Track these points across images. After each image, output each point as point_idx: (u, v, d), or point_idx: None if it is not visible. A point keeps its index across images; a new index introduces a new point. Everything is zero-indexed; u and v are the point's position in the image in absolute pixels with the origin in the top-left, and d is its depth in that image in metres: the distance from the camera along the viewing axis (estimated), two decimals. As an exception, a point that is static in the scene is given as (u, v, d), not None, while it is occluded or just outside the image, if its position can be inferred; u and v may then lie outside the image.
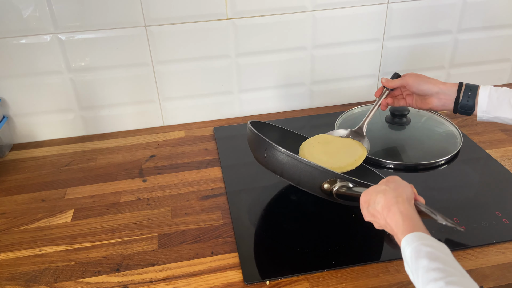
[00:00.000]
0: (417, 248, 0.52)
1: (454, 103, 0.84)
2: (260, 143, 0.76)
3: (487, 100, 0.80)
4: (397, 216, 0.57)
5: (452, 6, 1.16)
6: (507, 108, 0.79)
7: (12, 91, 1.06)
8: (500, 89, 0.81)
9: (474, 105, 0.82)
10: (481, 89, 0.82)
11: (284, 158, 0.73)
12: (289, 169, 0.74)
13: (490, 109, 0.81)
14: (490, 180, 0.92)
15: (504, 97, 0.79)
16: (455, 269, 0.50)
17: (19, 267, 0.75)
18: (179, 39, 1.07)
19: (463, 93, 0.82)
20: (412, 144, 1.04)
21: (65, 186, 0.96)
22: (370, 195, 0.62)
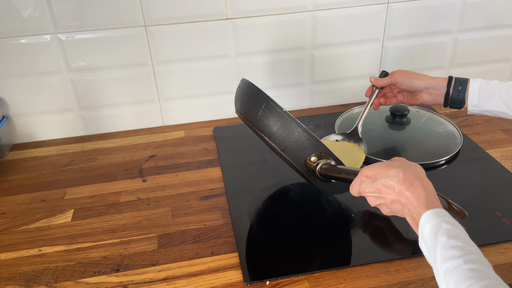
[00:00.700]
0: (437, 225, 0.52)
1: (445, 98, 0.84)
2: (259, 97, 0.71)
3: (478, 94, 0.81)
4: (420, 190, 0.55)
5: (452, 6, 1.16)
6: (497, 101, 0.79)
7: (12, 91, 1.06)
8: (491, 82, 0.81)
9: (465, 99, 0.82)
10: (471, 83, 0.82)
11: (281, 118, 0.68)
12: (282, 132, 0.69)
13: (481, 102, 0.81)
14: (490, 180, 0.92)
15: (494, 90, 0.80)
16: (472, 247, 0.50)
17: (19, 267, 0.75)
18: (179, 39, 1.07)
19: (453, 87, 0.83)
20: (412, 144, 1.04)
21: (65, 186, 0.96)
22: (380, 169, 0.60)
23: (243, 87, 0.78)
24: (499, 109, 0.80)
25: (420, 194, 0.55)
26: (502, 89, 0.80)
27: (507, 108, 0.80)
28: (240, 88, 0.79)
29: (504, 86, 0.80)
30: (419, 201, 0.55)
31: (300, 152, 0.70)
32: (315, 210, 0.85)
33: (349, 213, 0.84)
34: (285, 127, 0.69)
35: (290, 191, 0.91)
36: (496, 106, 0.80)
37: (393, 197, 0.58)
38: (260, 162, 0.99)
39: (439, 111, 1.18)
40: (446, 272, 0.48)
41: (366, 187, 0.61)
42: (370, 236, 0.79)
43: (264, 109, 0.70)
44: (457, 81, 0.83)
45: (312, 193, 0.89)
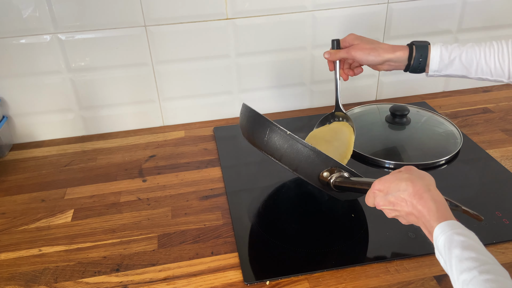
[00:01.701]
0: (450, 238, 0.52)
1: (406, 67, 0.84)
2: (262, 123, 0.73)
3: (439, 60, 0.81)
4: (430, 203, 0.56)
5: (452, 6, 1.16)
6: (458, 65, 0.80)
7: (12, 91, 1.06)
8: (450, 46, 0.81)
9: (426, 66, 0.83)
10: (432, 50, 0.82)
11: (287, 141, 0.70)
12: (290, 154, 0.71)
13: (441, 68, 0.82)
14: (490, 180, 0.92)
15: (455, 55, 0.80)
16: (487, 257, 0.50)
17: (19, 267, 0.75)
18: (179, 39, 1.07)
19: (414, 59, 0.82)
20: (412, 144, 1.04)
21: (65, 186, 0.96)
22: (390, 182, 0.60)
23: (245, 113, 0.79)
24: (459, 72, 0.82)
25: (430, 207, 0.55)
26: (462, 53, 0.80)
27: (467, 71, 0.81)
28: (243, 114, 0.80)
29: (464, 49, 0.80)
30: (431, 214, 0.55)
31: (312, 169, 0.71)
32: (315, 210, 0.85)
33: (349, 213, 0.84)
34: (292, 149, 0.71)
35: (290, 191, 0.91)
36: (456, 71, 0.82)
37: (407, 210, 0.58)
38: (260, 162, 0.99)
39: (439, 111, 1.18)
40: (463, 284, 0.48)
41: (380, 201, 0.61)
42: (370, 236, 0.79)
43: (268, 134, 0.72)
44: (418, 51, 0.82)
45: (312, 193, 0.89)
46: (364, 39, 0.86)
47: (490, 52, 0.79)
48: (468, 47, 0.81)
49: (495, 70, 0.80)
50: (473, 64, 0.80)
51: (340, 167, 0.70)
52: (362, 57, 0.84)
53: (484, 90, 1.30)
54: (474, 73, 0.81)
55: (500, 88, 1.31)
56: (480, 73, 0.81)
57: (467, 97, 1.26)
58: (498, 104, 1.22)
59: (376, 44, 0.85)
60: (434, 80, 1.28)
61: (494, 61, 0.79)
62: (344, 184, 0.69)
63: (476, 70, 0.81)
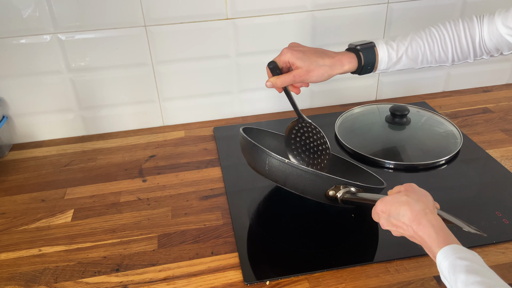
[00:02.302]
0: (453, 263, 0.51)
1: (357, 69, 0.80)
2: (260, 154, 0.74)
3: (387, 60, 0.80)
4: (429, 229, 0.55)
5: (452, 6, 1.16)
6: (405, 61, 0.80)
7: (12, 91, 1.06)
8: (395, 44, 0.80)
9: (374, 69, 0.81)
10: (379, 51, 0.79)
11: (287, 168, 0.71)
12: (293, 179, 0.73)
13: (390, 66, 0.81)
14: (490, 180, 0.92)
15: (401, 52, 0.79)
16: (492, 279, 0.50)
17: (19, 267, 0.75)
18: (179, 39, 1.07)
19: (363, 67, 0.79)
20: (412, 144, 1.04)
21: (65, 186, 0.96)
22: (391, 205, 0.60)
23: (243, 143, 0.80)
24: (406, 67, 0.82)
25: (430, 234, 0.55)
26: (407, 49, 0.80)
27: (414, 64, 0.81)
28: (241, 143, 0.81)
29: (408, 44, 0.80)
30: (431, 240, 0.55)
31: (317, 190, 0.73)
32: (315, 210, 0.85)
33: (349, 213, 0.84)
34: (294, 175, 0.72)
35: (290, 191, 0.91)
36: (403, 66, 0.81)
37: (409, 234, 0.58)
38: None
39: (439, 111, 1.18)
40: None
41: (384, 222, 0.61)
42: (370, 236, 0.79)
43: (268, 164, 0.73)
44: (366, 59, 0.78)
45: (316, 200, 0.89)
46: (303, 57, 0.76)
47: (433, 42, 0.79)
48: (411, 40, 0.80)
49: (439, 58, 0.81)
50: (418, 56, 0.80)
51: (345, 183, 0.71)
52: (309, 81, 0.78)
53: (484, 90, 1.30)
54: (420, 64, 0.82)
55: (500, 88, 1.31)
56: (425, 63, 0.81)
57: (467, 97, 1.26)
58: (498, 104, 1.22)
59: (320, 60, 0.76)
60: (434, 80, 1.28)
61: (438, 50, 0.80)
62: (351, 199, 0.70)
63: (421, 61, 0.81)
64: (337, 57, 0.78)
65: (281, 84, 0.77)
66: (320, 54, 0.77)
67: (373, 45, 0.79)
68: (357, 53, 0.79)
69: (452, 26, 0.79)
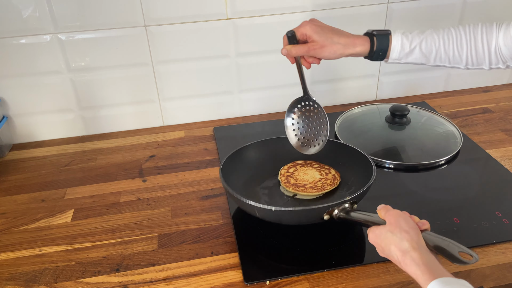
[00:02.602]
0: None
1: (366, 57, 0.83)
2: (248, 207, 0.75)
3: (399, 49, 0.80)
4: (413, 268, 0.55)
5: (452, 6, 1.16)
6: (418, 54, 0.80)
7: (12, 91, 1.06)
8: (411, 35, 0.80)
9: (386, 56, 0.82)
10: (393, 39, 0.80)
11: (277, 213, 0.73)
12: (286, 218, 0.75)
13: (402, 56, 0.81)
14: (490, 180, 0.92)
15: (415, 43, 0.80)
16: None
17: (19, 267, 0.75)
18: (179, 39, 1.07)
19: (375, 51, 0.81)
20: (412, 144, 1.04)
21: (65, 186, 0.96)
22: (381, 241, 0.60)
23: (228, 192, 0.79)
24: (418, 61, 0.82)
25: (416, 272, 0.55)
26: (422, 42, 0.80)
27: (426, 60, 0.81)
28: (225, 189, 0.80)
29: (424, 37, 0.80)
30: (418, 278, 0.55)
31: (312, 219, 0.74)
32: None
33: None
34: (286, 215, 0.74)
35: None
36: (415, 59, 0.81)
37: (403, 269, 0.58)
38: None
39: (439, 111, 1.18)
40: None
41: (381, 253, 0.62)
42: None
43: (258, 211, 0.74)
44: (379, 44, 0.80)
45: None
46: (321, 32, 0.79)
47: (449, 40, 0.79)
48: (427, 35, 0.80)
49: (453, 58, 0.80)
50: (432, 52, 0.80)
51: (338, 204, 0.71)
52: (321, 56, 0.81)
53: (484, 90, 1.30)
54: (433, 61, 0.81)
55: (500, 88, 1.31)
56: (439, 61, 0.81)
57: (467, 97, 1.26)
58: (498, 104, 1.22)
59: (335, 37, 0.80)
60: (434, 80, 1.28)
61: (453, 49, 0.79)
62: (347, 220, 0.71)
63: (435, 58, 0.81)
64: (352, 38, 0.81)
65: (295, 53, 0.80)
66: (336, 32, 0.81)
67: (389, 33, 0.81)
68: (371, 38, 0.81)
69: (470, 29, 0.79)
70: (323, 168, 0.91)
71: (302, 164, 0.93)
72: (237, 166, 0.87)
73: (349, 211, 0.71)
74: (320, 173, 0.90)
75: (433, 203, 0.86)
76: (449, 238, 0.76)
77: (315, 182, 0.87)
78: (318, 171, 0.90)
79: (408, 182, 0.93)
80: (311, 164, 0.93)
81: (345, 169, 0.90)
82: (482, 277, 0.70)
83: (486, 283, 0.69)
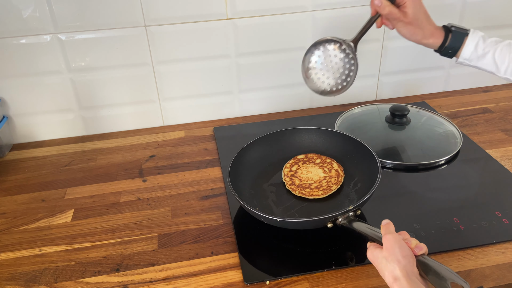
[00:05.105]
0: None
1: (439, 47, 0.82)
2: (254, 215, 0.77)
3: (472, 50, 0.80)
4: None
5: (452, 6, 1.16)
6: (489, 60, 0.80)
7: (12, 91, 1.06)
8: (488, 40, 0.80)
9: (456, 55, 0.81)
10: (469, 37, 0.80)
11: (283, 222, 0.74)
12: (291, 226, 0.76)
13: (473, 58, 0.81)
14: (490, 180, 0.92)
15: (489, 49, 0.79)
16: None
17: (19, 267, 0.75)
18: (179, 39, 1.07)
19: (445, 48, 0.81)
20: (412, 144, 1.04)
21: (65, 186, 0.96)
22: (378, 263, 0.61)
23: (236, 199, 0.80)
24: (488, 68, 0.81)
25: None
26: (496, 49, 0.79)
27: (497, 69, 0.80)
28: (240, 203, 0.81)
29: (499, 46, 0.79)
30: None
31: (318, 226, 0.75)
32: (315, 210, 0.85)
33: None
34: (291, 224, 0.75)
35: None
36: (486, 65, 0.81)
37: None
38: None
39: (439, 111, 1.18)
40: None
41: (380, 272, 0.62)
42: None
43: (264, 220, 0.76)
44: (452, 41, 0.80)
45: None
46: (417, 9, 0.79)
47: None
48: (504, 45, 0.79)
49: None
50: (504, 62, 0.79)
51: (342, 213, 0.72)
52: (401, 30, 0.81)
53: (484, 90, 1.30)
54: (504, 73, 0.80)
55: (500, 88, 1.31)
56: (510, 74, 0.80)
57: (467, 97, 1.26)
58: (498, 104, 1.22)
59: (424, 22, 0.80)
60: (434, 80, 1.28)
61: None
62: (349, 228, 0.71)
63: (506, 70, 0.79)
64: (432, 28, 0.81)
65: (386, 12, 0.79)
66: (427, 19, 0.80)
67: (467, 32, 0.80)
68: (447, 33, 0.80)
69: None
70: (325, 162, 0.91)
71: (304, 160, 0.93)
72: (242, 167, 0.88)
73: (352, 220, 0.71)
74: (323, 170, 0.90)
75: (433, 203, 0.86)
76: (449, 238, 0.77)
77: (320, 181, 0.87)
78: (321, 168, 0.90)
79: (408, 182, 0.93)
80: (313, 160, 0.93)
81: (348, 161, 0.91)
82: (482, 277, 0.70)
83: (486, 283, 0.69)
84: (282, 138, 0.96)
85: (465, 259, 0.73)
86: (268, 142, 0.95)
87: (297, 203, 0.84)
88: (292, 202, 0.84)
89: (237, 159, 0.87)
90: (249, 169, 0.90)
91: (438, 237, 0.77)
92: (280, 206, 0.83)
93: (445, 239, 0.77)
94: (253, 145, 0.92)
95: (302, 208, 0.82)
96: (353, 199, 0.83)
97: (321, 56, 0.84)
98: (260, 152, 0.93)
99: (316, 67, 0.84)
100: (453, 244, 0.75)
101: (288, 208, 0.82)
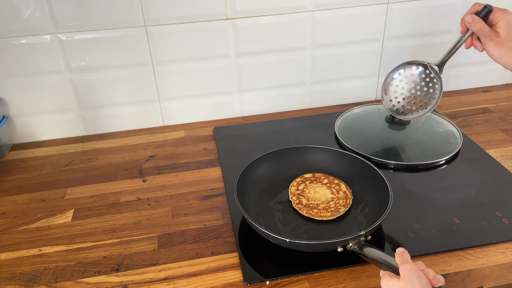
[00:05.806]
0: None
1: None
2: (261, 234, 0.75)
3: None
4: None
5: (452, 6, 1.16)
6: None
7: (12, 91, 1.06)
8: None
9: None
10: None
11: (292, 244, 0.73)
12: (300, 247, 0.75)
13: None
14: (490, 180, 0.92)
15: None
16: None
17: (19, 267, 0.75)
18: (179, 39, 1.07)
19: None
20: (412, 144, 1.04)
21: (65, 186, 0.96)
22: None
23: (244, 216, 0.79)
24: None
25: None
26: None
27: None
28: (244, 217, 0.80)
29: None
30: None
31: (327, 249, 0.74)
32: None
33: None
34: (302, 246, 0.74)
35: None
36: None
37: None
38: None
39: (439, 111, 1.18)
40: None
41: None
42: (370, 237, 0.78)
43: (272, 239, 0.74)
44: None
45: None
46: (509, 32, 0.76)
47: None
48: None
49: None
50: None
51: (353, 238, 0.70)
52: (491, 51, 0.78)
53: (484, 90, 1.30)
54: None
55: (500, 88, 1.31)
56: None
57: (467, 97, 1.26)
58: (498, 104, 1.22)
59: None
60: (434, 80, 1.28)
61: None
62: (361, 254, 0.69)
63: None
64: None
65: (477, 28, 0.77)
66: None
67: None
68: None
69: None
70: (333, 183, 0.88)
71: (311, 179, 0.90)
72: (247, 182, 0.86)
73: (363, 245, 0.69)
74: (331, 191, 0.86)
75: (433, 203, 0.86)
76: (449, 238, 0.77)
77: (327, 202, 0.84)
78: (328, 188, 0.87)
79: (408, 182, 0.93)
80: (320, 180, 0.90)
81: (356, 183, 0.88)
82: (482, 277, 0.70)
83: (486, 283, 0.69)
84: (288, 155, 0.93)
85: (465, 259, 0.73)
86: (274, 158, 0.92)
87: (304, 224, 0.81)
88: (299, 222, 0.81)
89: (243, 175, 0.85)
90: (254, 185, 0.87)
91: (438, 237, 0.77)
92: (287, 225, 0.80)
93: (445, 239, 0.77)
94: (258, 161, 0.90)
95: (309, 229, 0.79)
96: (362, 223, 0.80)
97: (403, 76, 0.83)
98: (266, 168, 0.91)
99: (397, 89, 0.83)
100: (453, 244, 0.75)
101: (295, 228, 0.80)
